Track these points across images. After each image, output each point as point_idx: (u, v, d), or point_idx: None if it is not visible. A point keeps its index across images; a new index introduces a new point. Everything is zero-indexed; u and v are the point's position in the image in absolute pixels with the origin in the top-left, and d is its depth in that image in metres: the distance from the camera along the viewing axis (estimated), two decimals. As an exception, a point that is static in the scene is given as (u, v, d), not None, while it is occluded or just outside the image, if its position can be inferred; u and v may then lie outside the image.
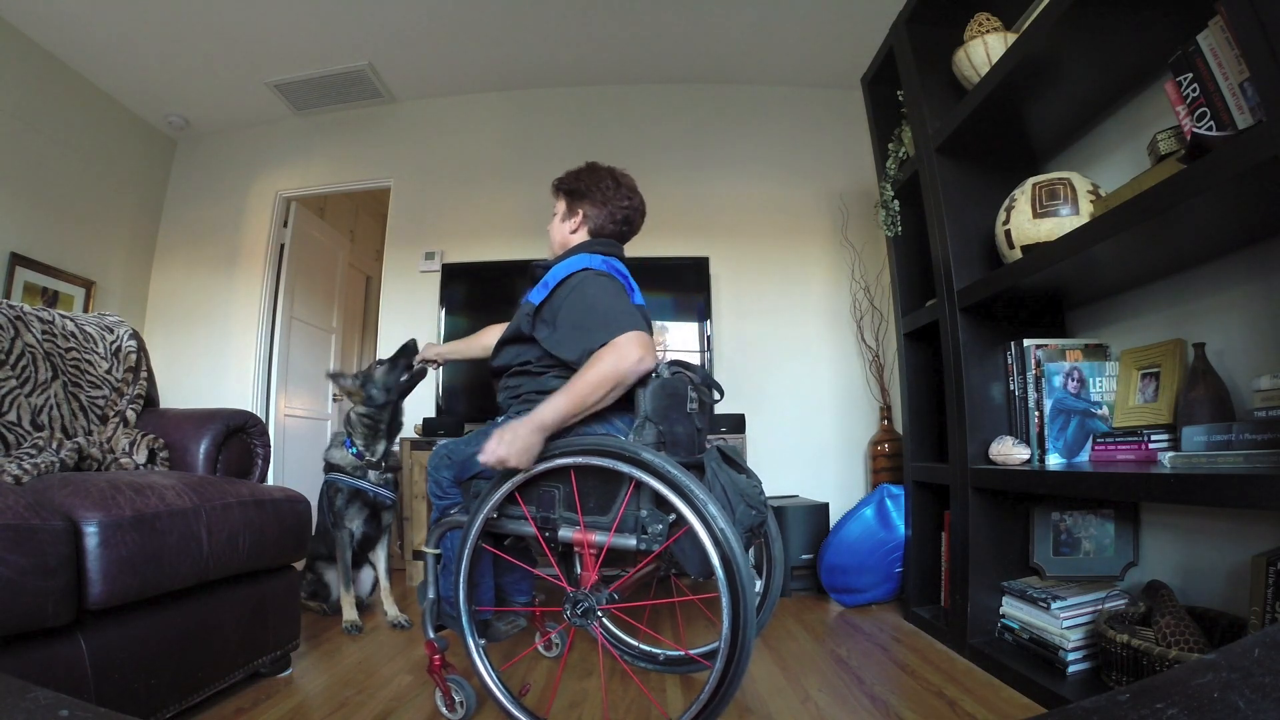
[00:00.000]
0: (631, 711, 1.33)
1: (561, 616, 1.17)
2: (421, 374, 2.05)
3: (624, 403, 1.24)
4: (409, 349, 2.04)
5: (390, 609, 2.02)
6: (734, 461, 1.28)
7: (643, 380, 1.20)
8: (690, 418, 1.30)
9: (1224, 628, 1.20)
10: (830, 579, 2.22)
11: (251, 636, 1.37)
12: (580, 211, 1.47)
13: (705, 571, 1.03)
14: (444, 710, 1.28)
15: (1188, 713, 0.37)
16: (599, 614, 1.15)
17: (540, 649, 1.69)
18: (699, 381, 1.34)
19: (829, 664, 1.61)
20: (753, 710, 1.33)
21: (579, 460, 1.13)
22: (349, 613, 1.94)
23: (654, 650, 1.61)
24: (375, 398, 2.02)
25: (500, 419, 1.42)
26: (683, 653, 1.57)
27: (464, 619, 1.25)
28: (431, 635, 1.31)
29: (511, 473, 1.17)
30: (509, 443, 1.12)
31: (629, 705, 1.36)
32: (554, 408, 1.15)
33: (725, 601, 0.99)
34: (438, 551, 1.38)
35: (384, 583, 2.09)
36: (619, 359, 1.15)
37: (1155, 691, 0.40)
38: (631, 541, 1.11)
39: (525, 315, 1.36)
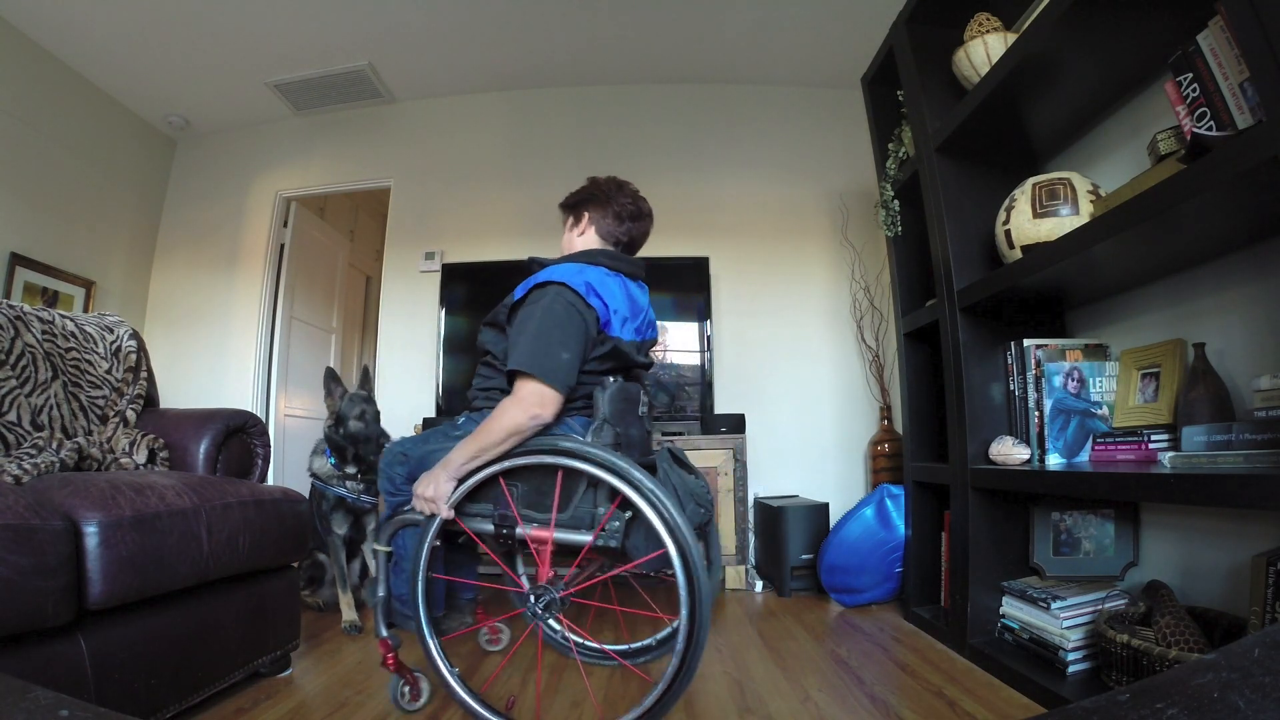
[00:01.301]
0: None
1: (509, 609, 1.19)
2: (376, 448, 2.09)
3: (580, 404, 1.30)
4: (380, 445, 2.04)
5: None
6: (683, 462, 1.33)
7: (601, 384, 1.26)
8: (641, 420, 1.36)
9: (1224, 628, 1.20)
10: (830, 579, 2.22)
11: (251, 636, 1.37)
12: (585, 215, 1.45)
13: (657, 565, 1.10)
14: (400, 703, 1.30)
15: (1188, 713, 0.37)
16: (559, 605, 1.19)
17: (483, 644, 1.72)
18: (649, 385, 1.40)
19: (829, 664, 1.61)
20: (753, 710, 1.33)
21: (543, 460, 1.17)
22: (348, 613, 1.95)
23: (648, 642, 1.59)
24: (339, 434, 2.06)
25: (461, 418, 1.42)
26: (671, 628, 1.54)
27: (422, 617, 1.25)
28: (385, 633, 1.32)
29: (473, 472, 1.21)
30: (433, 492, 1.21)
31: (630, 701, 1.36)
32: (464, 453, 1.20)
33: (681, 583, 1.06)
34: (389, 549, 1.36)
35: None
36: (518, 413, 1.18)
37: (1155, 691, 0.40)
38: (587, 537, 1.15)
39: (505, 306, 1.35)
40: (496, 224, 3.35)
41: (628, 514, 1.13)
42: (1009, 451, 1.58)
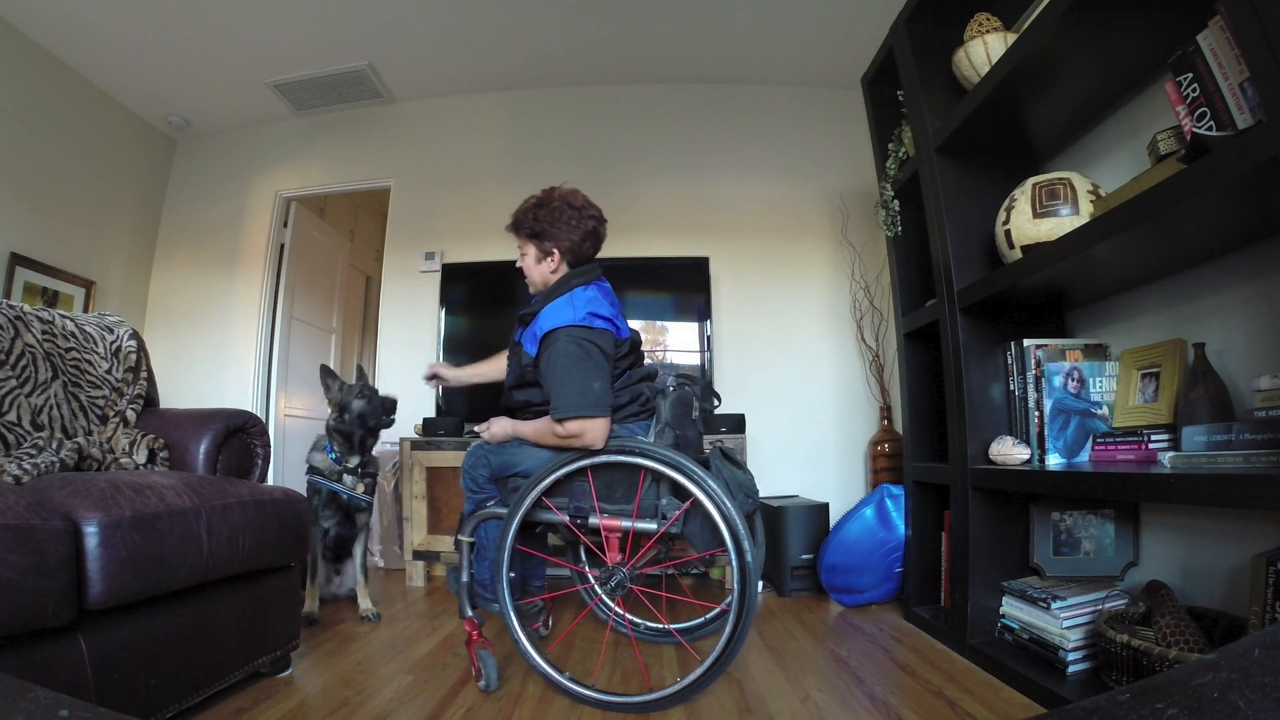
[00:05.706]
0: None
1: (574, 599, 1.37)
2: (390, 421, 2.14)
3: (635, 408, 1.48)
4: (389, 408, 2.11)
5: (364, 603, 2.11)
6: (733, 459, 1.48)
7: (663, 392, 1.47)
8: (695, 423, 1.55)
9: (1224, 628, 1.20)
10: (830, 579, 2.21)
11: (251, 636, 1.37)
12: (554, 250, 1.54)
13: (712, 545, 1.29)
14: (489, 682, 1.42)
15: (1188, 713, 0.37)
16: (628, 586, 1.38)
17: (540, 630, 1.83)
18: (699, 392, 1.59)
19: (829, 664, 1.61)
20: (753, 710, 1.33)
21: (614, 459, 1.37)
22: (309, 604, 2.01)
23: (698, 620, 1.75)
24: (345, 421, 2.09)
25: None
26: (706, 615, 1.74)
27: (505, 596, 1.41)
28: (470, 613, 1.50)
29: (554, 469, 1.38)
30: (498, 429, 1.53)
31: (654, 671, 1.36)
32: (530, 432, 1.47)
33: (733, 560, 1.24)
34: (472, 540, 1.53)
35: (359, 578, 2.18)
36: (577, 439, 1.36)
37: (1155, 691, 0.40)
38: (652, 525, 1.35)
39: (526, 366, 1.49)
40: (496, 224, 3.30)
41: (687, 503, 1.32)
42: (1009, 451, 1.58)
